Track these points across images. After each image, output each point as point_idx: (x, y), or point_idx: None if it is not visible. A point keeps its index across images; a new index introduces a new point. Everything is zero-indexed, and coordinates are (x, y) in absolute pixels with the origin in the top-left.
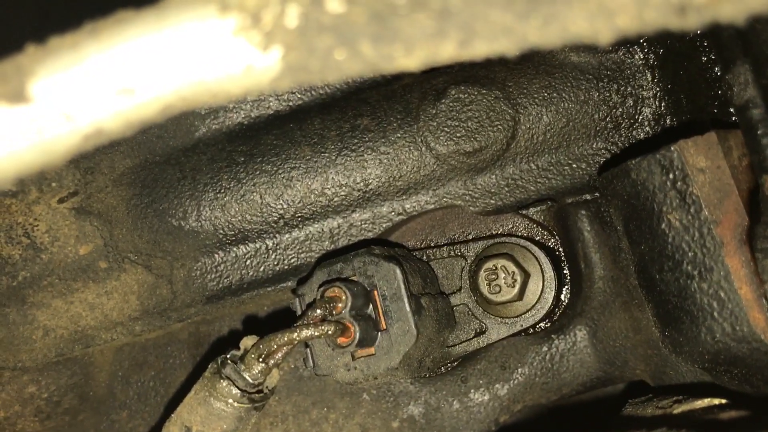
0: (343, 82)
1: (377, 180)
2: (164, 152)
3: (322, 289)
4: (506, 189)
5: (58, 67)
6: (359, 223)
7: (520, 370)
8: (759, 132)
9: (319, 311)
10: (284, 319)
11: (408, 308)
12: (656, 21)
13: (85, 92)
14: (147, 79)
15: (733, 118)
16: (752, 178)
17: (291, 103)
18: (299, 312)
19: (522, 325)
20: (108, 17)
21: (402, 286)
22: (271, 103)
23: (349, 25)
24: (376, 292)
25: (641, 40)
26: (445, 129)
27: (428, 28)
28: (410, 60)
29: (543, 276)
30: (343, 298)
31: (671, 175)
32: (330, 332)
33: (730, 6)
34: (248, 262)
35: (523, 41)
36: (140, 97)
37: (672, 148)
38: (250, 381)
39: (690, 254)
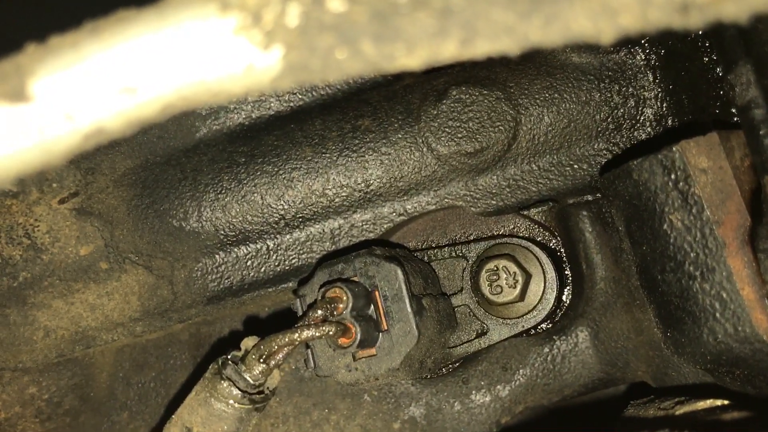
0: (344, 82)
1: (378, 181)
2: (165, 153)
3: (323, 289)
4: (507, 190)
5: (58, 66)
6: (360, 224)
7: (521, 371)
8: (761, 132)
9: (320, 312)
10: (285, 320)
11: (409, 309)
12: (659, 20)
13: (86, 91)
14: (148, 79)
15: (735, 119)
16: (754, 179)
17: (292, 104)
18: (300, 313)
19: (523, 326)
20: (109, 16)
21: (403, 287)
22: (272, 104)
23: (351, 24)
24: (377, 293)
25: (643, 41)
26: (446, 130)
27: (430, 27)
28: (412, 59)
29: (544, 277)
30: (344, 298)
31: (673, 176)
32: (331, 333)
33: (732, 5)
34: (249, 262)
35: (525, 40)
36: (141, 96)
37: (674, 149)
38: (251, 382)
39: (692, 255)
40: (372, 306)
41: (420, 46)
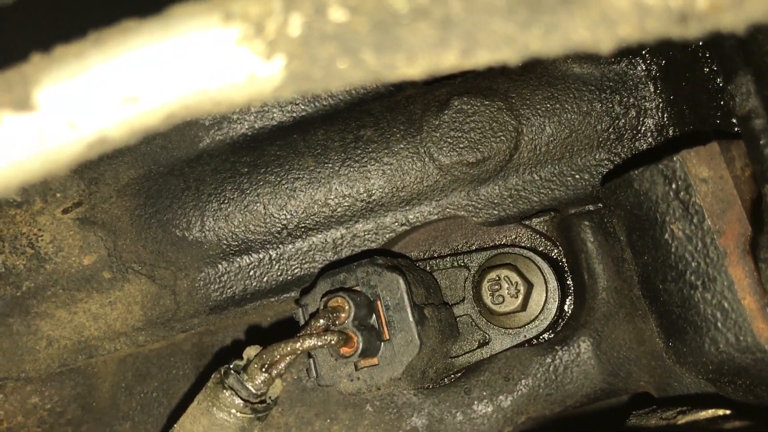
0: (346, 92)
1: (380, 190)
2: (168, 163)
3: (325, 299)
4: (509, 200)
5: (63, 75)
6: (362, 234)
7: (523, 381)
8: (761, 142)
9: (322, 321)
10: (287, 330)
11: (411, 318)
12: (657, 30)
13: (90, 101)
14: (151, 88)
15: (736, 129)
16: (755, 188)
17: (295, 114)
18: (302, 322)
19: (525, 336)
20: (113, 26)
21: (405, 297)
22: (274, 114)
23: (352, 34)
24: (379, 302)
25: (643, 51)
26: (448, 140)
27: (430, 37)
28: (412, 69)
29: (546, 287)
30: (346, 308)
31: (674, 185)
32: (333, 342)
33: (731, 14)
34: (252, 272)
35: (525, 50)
36: (144, 105)
37: (675, 158)
38: (253, 391)
39: (693, 264)
40: (374, 315)
41: (421, 56)
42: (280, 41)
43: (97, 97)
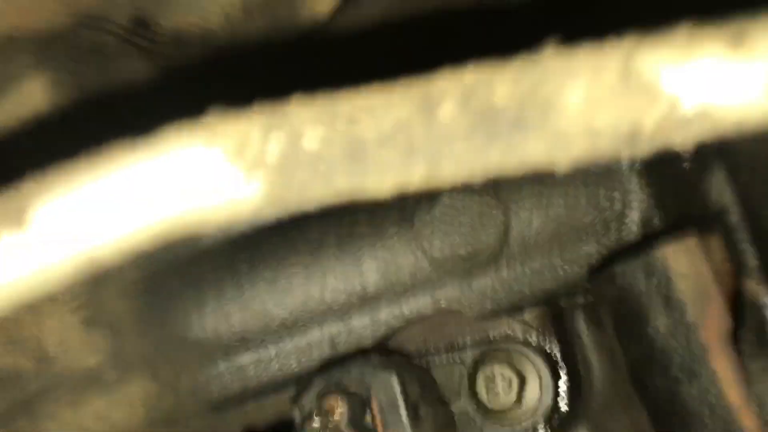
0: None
1: (375, 285)
2: (170, 262)
3: (319, 398)
4: (501, 292)
5: (55, 196)
6: (359, 329)
7: None
8: (737, 236)
9: (316, 421)
10: (286, 429)
11: (405, 419)
12: (609, 150)
13: (81, 221)
14: (137, 209)
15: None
16: (734, 281)
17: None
18: (298, 421)
19: (522, 431)
20: (102, 148)
21: (399, 396)
22: None
23: (324, 161)
24: (373, 401)
25: None
26: (440, 234)
27: (396, 162)
28: (382, 191)
29: (540, 380)
30: (341, 407)
31: (655, 280)
32: None
33: (678, 134)
34: (251, 370)
35: (486, 171)
36: (131, 226)
37: (654, 253)
38: None
39: (677, 359)
40: (369, 415)
41: (389, 179)
42: (259, 167)
43: (87, 217)
